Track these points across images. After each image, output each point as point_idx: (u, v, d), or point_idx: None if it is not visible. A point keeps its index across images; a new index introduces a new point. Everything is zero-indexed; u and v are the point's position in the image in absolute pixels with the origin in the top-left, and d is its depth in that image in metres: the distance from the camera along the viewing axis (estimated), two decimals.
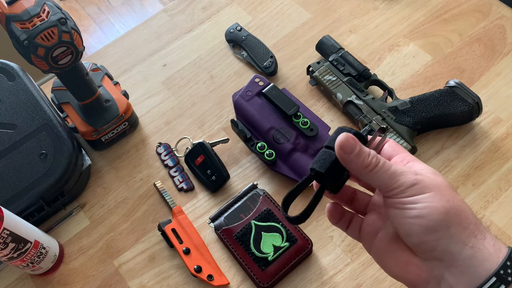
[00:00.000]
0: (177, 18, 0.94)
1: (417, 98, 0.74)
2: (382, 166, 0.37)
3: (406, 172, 0.37)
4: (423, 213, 0.36)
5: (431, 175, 0.38)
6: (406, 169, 0.38)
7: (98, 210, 0.74)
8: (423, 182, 0.37)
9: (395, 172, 0.37)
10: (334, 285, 0.65)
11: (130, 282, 0.68)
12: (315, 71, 0.79)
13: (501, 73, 0.80)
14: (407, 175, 0.37)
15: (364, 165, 0.37)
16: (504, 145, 0.73)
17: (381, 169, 0.37)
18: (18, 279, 0.70)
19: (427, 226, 0.36)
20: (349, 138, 0.37)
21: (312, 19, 0.90)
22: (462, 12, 0.87)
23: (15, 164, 0.69)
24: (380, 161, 0.38)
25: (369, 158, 0.37)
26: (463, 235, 0.36)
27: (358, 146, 0.37)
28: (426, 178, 0.37)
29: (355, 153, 0.37)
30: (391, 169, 0.37)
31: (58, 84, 0.77)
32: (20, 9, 0.59)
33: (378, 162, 0.38)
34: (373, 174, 0.37)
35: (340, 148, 0.37)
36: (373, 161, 0.37)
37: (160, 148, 0.79)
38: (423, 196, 0.36)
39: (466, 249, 0.35)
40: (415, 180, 0.37)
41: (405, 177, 0.37)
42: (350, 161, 0.37)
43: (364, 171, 0.38)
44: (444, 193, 0.37)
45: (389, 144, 0.42)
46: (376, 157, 0.38)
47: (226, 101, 0.82)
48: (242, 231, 0.67)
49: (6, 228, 0.57)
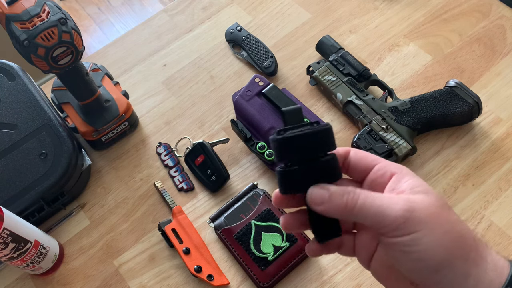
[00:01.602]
0: (177, 18, 0.94)
1: (417, 98, 0.74)
2: (364, 202, 0.33)
3: (394, 203, 0.33)
4: (423, 256, 0.33)
5: (423, 197, 0.34)
6: (393, 199, 0.33)
7: (98, 210, 0.74)
8: (416, 214, 0.33)
9: (381, 206, 0.33)
10: (334, 285, 0.65)
11: (130, 282, 0.68)
12: (315, 71, 0.79)
13: (501, 73, 0.80)
14: (395, 207, 0.33)
15: (341, 207, 0.34)
16: (504, 145, 0.73)
17: (363, 207, 0.33)
18: (18, 279, 0.70)
19: (429, 267, 0.33)
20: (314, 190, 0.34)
21: (312, 19, 0.90)
22: (462, 12, 0.87)
23: (15, 164, 0.69)
24: (360, 198, 0.33)
25: (344, 198, 0.34)
26: (465, 267, 0.34)
27: (327, 193, 0.34)
28: (418, 206, 0.33)
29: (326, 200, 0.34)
30: (375, 204, 0.33)
31: (58, 84, 0.77)
32: (20, 9, 0.59)
33: (357, 200, 0.33)
34: (357, 214, 0.34)
35: (312, 203, 0.35)
36: (350, 199, 0.34)
37: (160, 148, 0.79)
38: (420, 236, 0.33)
39: (469, 280, 0.34)
40: (407, 213, 0.33)
41: (394, 212, 0.33)
42: (326, 210, 0.34)
43: (345, 214, 0.34)
44: (441, 221, 0.33)
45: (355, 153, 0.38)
46: (354, 193, 0.34)
47: (226, 101, 0.82)
48: (242, 231, 0.67)
49: (6, 228, 0.57)
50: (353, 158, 0.38)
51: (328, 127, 0.35)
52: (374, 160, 0.38)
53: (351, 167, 0.38)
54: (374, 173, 0.37)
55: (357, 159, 0.38)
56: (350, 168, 0.38)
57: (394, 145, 0.70)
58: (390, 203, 0.33)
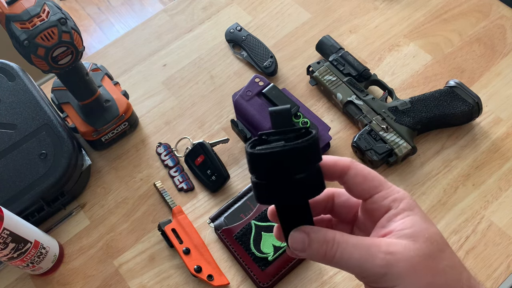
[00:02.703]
0: (177, 18, 0.94)
1: (417, 98, 0.74)
2: (343, 252, 0.32)
3: (373, 255, 0.31)
4: None
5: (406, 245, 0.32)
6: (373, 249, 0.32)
7: (98, 210, 0.74)
8: (394, 269, 0.31)
9: (359, 259, 0.31)
10: (334, 285, 0.65)
11: (130, 282, 0.68)
12: (315, 71, 0.79)
13: (501, 73, 0.80)
14: (374, 260, 0.31)
15: (320, 256, 0.32)
16: (504, 145, 0.73)
17: (342, 258, 0.32)
18: (18, 279, 0.70)
19: None
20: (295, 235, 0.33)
21: (312, 19, 0.90)
22: (462, 12, 0.87)
23: (15, 164, 0.69)
24: (339, 248, 0.32)
25: (323, 247, 0.32)
26: None
27: (307, 240, 0.32)
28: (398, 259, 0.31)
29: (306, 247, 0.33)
30: (354, 255, 0.32)
31: (58, 84, 0.77)
32: (20, 9, 0.59)
33: (336, 251, 0.32)
34: (336, 263, 0.32)
35: (293, 249, 0.33)
36: (328, 249, 0.32)
37: (160, 148, 0.79)
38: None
39: None
40: (384, 269, 0.31)
41: (372, 265, 0.31)
42: (308, 256, 0.33)
43: (324, 262, 0.33)
44: (423, 273, 0.31)
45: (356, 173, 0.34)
46: (333, 243, 0.32)
47: (226, 101, 0.82)
48: (242, 231, 0.67)
49: (6, 228, 0.57)
50: (351, 180, 0.35)
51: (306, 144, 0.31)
52: (373, 187, 0.34)
53: (349, 186, 0.35)
54: (370, 204, 0.35)
55: (356, 183, 0.35)
56: (348, 186, 0.35)
57: (394, 145, 0.70)
58: (369, 255, 0.31)
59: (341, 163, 0.34)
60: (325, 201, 0.38)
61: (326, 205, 0.38)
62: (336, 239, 0.32)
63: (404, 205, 0.34)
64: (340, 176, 0.35)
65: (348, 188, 0.35)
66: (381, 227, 0.34)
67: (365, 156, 0.71)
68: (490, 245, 0.66)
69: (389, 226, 0.33)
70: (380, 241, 0.32)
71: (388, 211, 0.34)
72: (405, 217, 0.33)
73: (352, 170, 0.34)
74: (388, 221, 0.34)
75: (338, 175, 0.35)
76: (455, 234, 0.67)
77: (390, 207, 0.34)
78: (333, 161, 0.34)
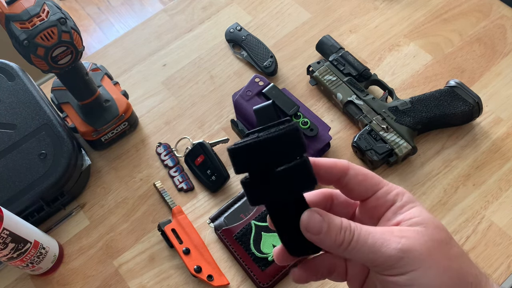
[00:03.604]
0: (177, 18, 0.94)
1: (417, 98, 0.74)
2: (358, 239, 0.31)
3: (388, 240, 0.31)
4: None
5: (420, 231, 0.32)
6: (387, 236, 0.31)
7: (98, 210, 0.74)
8: (411, 253, 0.31)
9: (374, 244, 0.31)
10: (334, 285, 0.65)
11: (130, 282, 0.68)
12: (315, 71, 0.79)
13: (501, 73, 0.80)
14: (390, 244, 0.31)
15: (337, 243, 0.31)
16: (505, 145, 0.73)
17: (357, 244, 0.31)
18: (18, 279, 0.70)
19: None
20: (313, 216, 0.31)
21: (312, 19, 0.90)
22: (462, 12, 0.87)
23: (15, 164, 0.69)
24: (355, 234, 0.31)
25: (341, 234, 0.31)
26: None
27: (326, 224, 0.31)
28: (414, 243, 0.31)
29: (323, 232, 0.31)
30: (369, 241, 0.31)
31: (58, 84, 0.77)
32: (20, 9, 0.58)
33: (353, 236, 0.31)
34: (350, 251, 0.31)
35: (305, 230, 0.32)
36: (347, 236, 0.31)
37: (160, 148, 0.78)
38: (417, 276, 0.31)
39: None
40: (401, 252, 0.30)
41: (388, 249, 0.31)
42: (321, 241, 0.32)
43: (338, 250, 0.32)
44: (439, 258, 0.31)
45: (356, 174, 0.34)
46: (350, 230, 0.31)
47: (226, 101, 0.82)
48: (242, 231, 0.67)
49: (6, 228, 0.57)
50: (352, 180, 0.34)
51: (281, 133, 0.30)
52: (375, 184, 0.35)
53: (349, 187, 0.35)
54: (375, 201, 0.35)
55: (358, 182, 0.34)
56: (348, 188, 0.35)
57: (395, 145, 0.70)
58: (384, 240, 0.31)
59: (340, 164, 0.34)
60: (324, 202, 0.38)
61: (325, 207, 0.38)
62: (352, 226, 0.32)
63: (407, 198, 0.34)
64: (340, 177, 0.34)
65: (348, 189, 0.35)
66: (387, 220, 0.34)
67: (365, 156, 0.71)
68: (490, 245, 0.66)
69: (395, 218, 0.33)
70: (392, 228, 0.32)
71: (392, 205, 0.34)
72: (411, 208, 0.33)
73: (351, 170, 0.34)
74: (394, 213, 0.34)
75: (337, 177, 0.34)
76: (456, 234, 0.67)
77: (394, 200, 0.34)
78: (332, 162, 0.34)
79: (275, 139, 0.30)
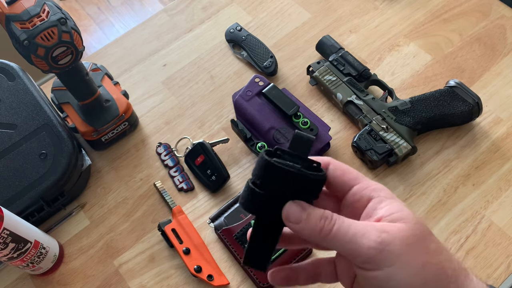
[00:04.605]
0: (177, 18, 0.94)
1: (417, 98, 0.74)
2: (339, 228, 0.32)
3: (369, 232, 0.32)
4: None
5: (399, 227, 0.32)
6: (368, 228, 0.32)
7: (98, 210, 0.74)
8: (390, 247, 0.31)
9: (355, 234, 0.32)
10: (334, 285, 0.65)
11: (130, 282, 0.68)
12: (315, 71, 0.79)
13: (501, 73, 0.80)
14: (370, 236, 0.31)
15: (316, 230, 0.32)
16: (504, 145, 0.73)
17: (338, 233, 0.32)
18: (18, 279, 0.70)
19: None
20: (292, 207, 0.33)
21: (312, 19, 0.90)
22: (462, 12, 0.87)
23: (15, 164, 0.69)
24: (336, 223, 0.32)
25: (321, 222, 0.32)
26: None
27: (305, 214, 0.32)
28: (393, 238, 0.31)
29: (303, 220, 0.32)
30: (350, 231, 0.32)
31: (58, 84, 0.77)
32: (20, 9, 0.58)
33: (333, 226, 0.32)
34: (330, 240, 0.32)
35: (286, 220, 0.33)
36: (326, 225, 0.32)
37: (160, 148, 0.79)
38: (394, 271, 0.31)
39: None
40: (380, 245, 0.31)
41: (369, 241, 0.31)
42: (301, 230, 0.33)
43: (318, 238, 0.32)
44: (418, 253, 0.32)
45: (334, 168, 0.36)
46: (331, 220, 0.32)
47: (226, 101, 0.82)
48: (242, 231, 0.67)
49: (6, 228, 0.57)
50: (331, 174, 0.36)
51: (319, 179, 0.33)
52: (352, 179, 0.36)
53: (329, 181, 0.36)
54: (351, 197, 0.35)
55: (336, 176, 0.36)
56: (329, 182, 0.36)
57: (394, 145, 0.70)
58: (364, 232, 0.32)
59: (322, 159, 0.36)
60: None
61: None
62: (334, 216, 0.33)
63: (384, 193, 0.34)
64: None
65: (329, 183, 0.36)
66: (368, 217, 0.34)
67: (365, 156, 0.71)
68: (490, 245, 0.66)
69: (376, 214, 0.34)
70: (374, 223, 0.33)
71: (369, 201, 0.34)
72: (390, 204, 0.34)
73: (332, 165, 0.36)
74: (373, 209, 0.34)
75: None
76: (455, 234, 0.67)
77: (371, 196, 0.34)
78: (316, 158, 0.36)
79: (310, 179, 0.33)
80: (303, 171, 0.32)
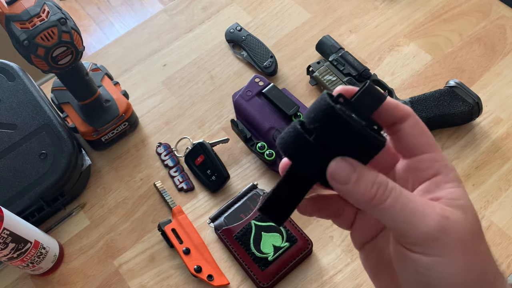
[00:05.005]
0: (177, 18, 0.94)
1: (417, 98, 0.74)
2: (396, 201, 0.27)
3: (428, 215, 0.27)
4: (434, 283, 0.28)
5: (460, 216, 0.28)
6: (427, 209, 0.28)
7: (98, 210, 0.74)
8: (447, 237, 0.28)
9: (412, 213, 0.27)
10: (334, 285, 0.65)
11: (130, 282, 0.68)
12: (315, 71, 0.79)
13: (501, 73, 0.80)
14: (429, 221, 0.27)
15: (367, 197, 0.27)
16: (504, 145, 0.73)
17: (394, 206, 0.27)
18: (18, 279, 0.70)
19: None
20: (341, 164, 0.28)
21: (312, 19, 0.90)
22: (462, 12, 0.87)
23: (15, 164, 0.69)
24: (392, 194, 0.28)
25: (374, 188, 0.27)
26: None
27: (355, 175, 0.27)
28: (453, 228, 0.28)
29: (351, 182, 0.28)
30: (408, 208, 0.27)
31: (58, 84, 0.77)
32: (20, 9, 0.59)
33: (387, 196, 0.27)
34: (382, 211, 0.28)
35: (331, 178, 0.28)
36: (379, 193, 0.27)
37: (160, 148, 0.79)
38: (442, 262, 0.28)
39: None
40: (439, 232, 0.27)
41: (427, 225, 0.27)
42: (348, 193, 0.28)
43: (367, 206, 0.28)
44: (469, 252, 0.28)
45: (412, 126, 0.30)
46: (386, 188, 0.28)
47: (226, 101, 0.82)
48: (242, 231, 0.67)
49: (6, 228, 0.57)
50: (407, 129, 0.30)
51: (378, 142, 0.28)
52: (427, 145, 0.31)
53: (401, 136, 0.31)
54: (417, 163, 0.31)
55: (412, 134, 0.30)
56: (399, 136, 0.31)
57: None
58: (423, 212, 0.27)
59: (402, 108, 0.31)
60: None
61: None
62: (390, 184, 0.28)
63: (454, 175, 0.30)
64: (397, 121, 0.31)
65: (398, 137, 0.31)
66: (427, 191, 0.30)
67: None
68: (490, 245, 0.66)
69: (436, 192, 0.30)
70: (433, 204, 0.28)
71: (436, 176, 0.30)
72: (455, 187, 0.30)
73: (412, 119, 0.31)
74: (436, 186, 0.30)
75: (395, 120, 0.31)
76: None
77: (439, 172, 0.30)
78: (395, 103, 0.31)
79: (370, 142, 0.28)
80: (367, 132, 0.27)
